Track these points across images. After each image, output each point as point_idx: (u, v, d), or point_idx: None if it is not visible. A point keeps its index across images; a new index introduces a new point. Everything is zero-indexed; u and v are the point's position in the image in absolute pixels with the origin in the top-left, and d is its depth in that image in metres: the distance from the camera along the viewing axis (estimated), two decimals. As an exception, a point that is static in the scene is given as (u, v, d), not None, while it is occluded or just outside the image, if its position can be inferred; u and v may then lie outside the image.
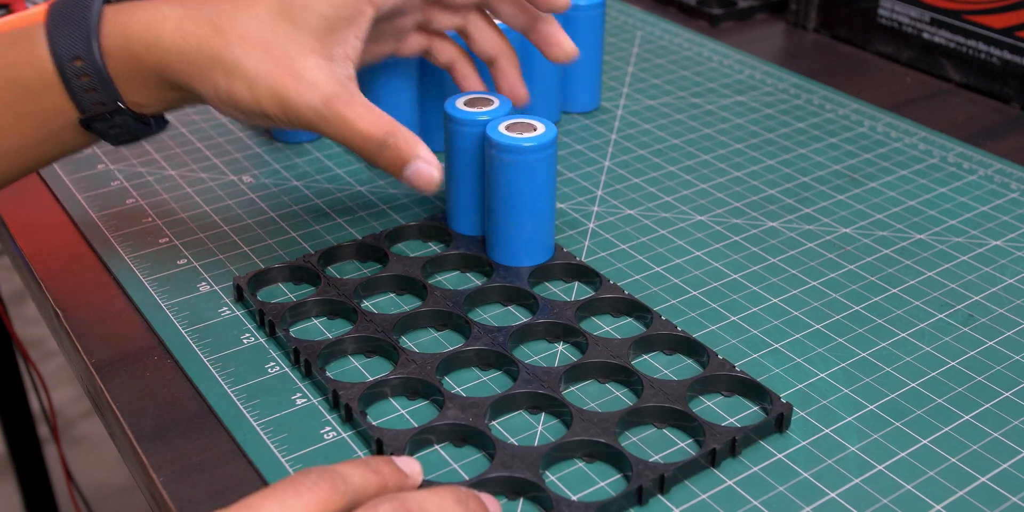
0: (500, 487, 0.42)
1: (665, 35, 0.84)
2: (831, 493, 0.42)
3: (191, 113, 0.72)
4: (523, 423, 0.46)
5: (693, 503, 0.42)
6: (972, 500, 0.42)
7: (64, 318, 0.53)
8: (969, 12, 0.73)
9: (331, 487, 0.35)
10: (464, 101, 0.55)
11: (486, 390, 0.48)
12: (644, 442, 0.45)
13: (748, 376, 0.47)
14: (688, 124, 0.71)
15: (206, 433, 0.46)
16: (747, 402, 0.47)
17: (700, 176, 0.65)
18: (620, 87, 0.76)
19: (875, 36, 0.80)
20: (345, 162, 0.66)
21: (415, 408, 0.47)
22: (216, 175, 0.64)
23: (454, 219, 0.57)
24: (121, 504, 1.41)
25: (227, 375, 0.48)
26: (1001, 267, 0.56)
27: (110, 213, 0.60)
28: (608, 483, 0.43)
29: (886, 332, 0.52)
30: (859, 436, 0.45)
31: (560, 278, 0.55)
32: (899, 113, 0.72)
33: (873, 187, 0.64)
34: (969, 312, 0.53)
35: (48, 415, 0.98)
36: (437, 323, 0.52)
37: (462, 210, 0.57)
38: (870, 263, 0.57)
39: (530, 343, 0.51)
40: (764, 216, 0.61)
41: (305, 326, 0.52)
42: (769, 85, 0.76)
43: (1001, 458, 0.44)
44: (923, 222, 0.60)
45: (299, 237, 0.58)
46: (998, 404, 0.47)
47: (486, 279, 0.55)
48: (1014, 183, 0.64)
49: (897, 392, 0.48)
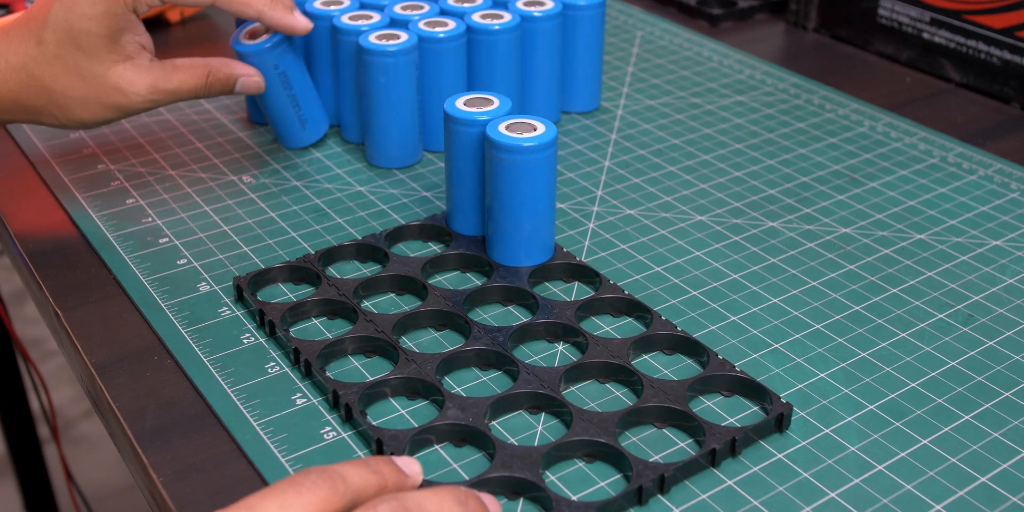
0: (500, 487, 0.42)
1: (665, 35, 0.84)
2: (831, 493, 0.42)
3: (191, 113, 0.72)
4: (523, 423, 0.46)
5: (693, 503, 0.42)
6: (972, 500, 0.42)
7: (64, 318, 0.53)
8: (969, 12, 0.73)
9: (331, 487, 0.35)
10: (464, 101, 0.55)
11: (486, 390, 0.48)
12: (644, 442, 0.45)
13: (748, 376, 0.47)
14: (688, 124, 0.71)
15: (206, 433, 0.46)
16: (747, 402, 0.47)
17: (700, 176, 0.65)
18: (620, 87, 0.76)
19: (875, 36, 0.80)
20: (345, 162, 0.66)
21: (415, 408, 0.47)
22: (216, 175, 0.64)
23: (454, 219, 0.57)
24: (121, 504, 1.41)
25: (227, 375, 0.48)
26: (1001, 267, 0.56)
27: (110, 213, 0.60)
28: (608, 483, 0.43)
29: (886, 332, 0.52)
30: (859, 436, 0.45)
31: (560, 278, 0.55)
32: (899, 113, 0.72)
33: (873, 187, 0.64)
34: (969, 312, 0.53)
35: (48, 415, 0.98)
36: (437, 323, 0.52)
37: (462, 210, 0.57)
38: (870, 263, 0.57)
39: (530, 343, 0.51)
40: (764, 216, 0.61)
41: (305, 326, 0.52)
42: (769, 85, 0.76)
43: (1001, 458, 0.44)
44: (923, 222, 0.60)
45: (299, 237, 0.58)
46: (998, 404, 0.47)
47: (486, 279, 0.55)
48: (1014, 183, 0.64)
49: (897, 392, 0.48)
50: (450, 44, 0.63)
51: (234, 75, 0.60)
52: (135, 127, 0.70)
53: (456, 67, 0.65)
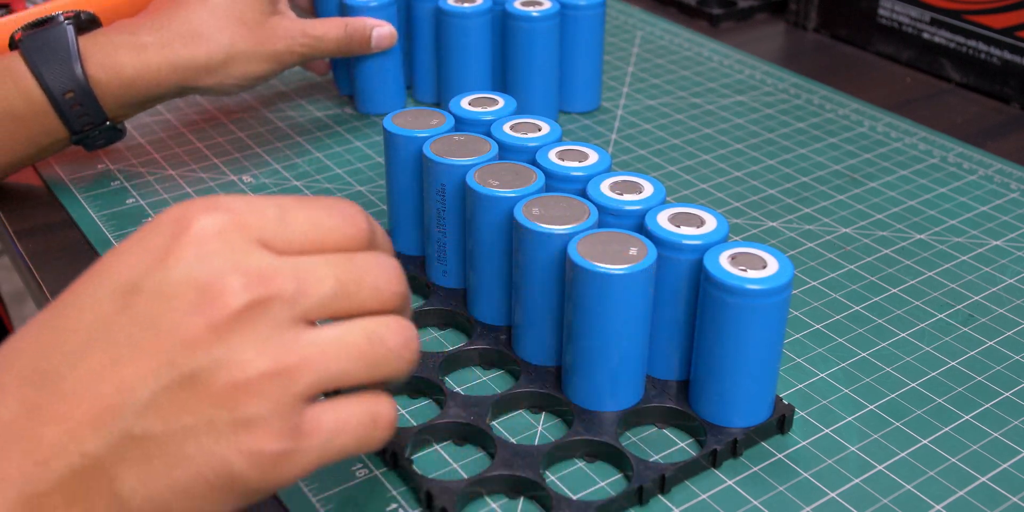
0: (501, 486, 0.42)
1: (665, 35, 0.84)
2: (831, 493, 0.42)
3: (191, 113, 0.72)
4: (524, 422, 0.46)
5: (693, 503, 0.42)
6: (972, 500, 0.42)
7: (65, 318, 0.53)
8: (969, 12, 0.73)
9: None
10: (468, 100, 0.55)
11: (487, 389, 0.48)
12: (645, 442, 0.45)
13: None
14: (688, 124, 0.71)
15: (207, 433, 0.46)
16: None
17: (700, 176, 0.65)
18: (620, 87, 0.76)
19: (875, 36, 0.80)
20: (345, 162, 0.66)
21: (416, 407, 0.47)
22: (216, 175, 0.64)
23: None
24: (121, 504, 1.40)
25: (228, 375, 0.48)
26: (1001, 267, 0.56)
27: (110, 213, 0.60)
28: (608, 483, 0.43)
29: (886, 332, 0.52)
30: (859, 436, 0.45)
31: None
32: (899, 113, 0.72)
33: (873, 187, 0.64)
34: (969, 312, 0.53)
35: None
36: (439, 322, 0.52)
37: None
38: (870, 263, 0.57)
39: (530, 343, 0.51)
40: (764, 216, 0.61)
41: (306, 326, 0.52)
42: (769, 85, 0.76)
43: (1001, 458, 0.44)
44: (923, 222, 0.60)
45: (299, 237, 0.58)
46: (998, 404, 0.47)
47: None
48: (1014, 183, 0.64)
49: (897, 392, 0.48)
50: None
51: (369, 25, 0.64)
52: (135, 127, 0.70)
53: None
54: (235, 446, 0.31)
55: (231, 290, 0.31)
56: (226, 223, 0.32)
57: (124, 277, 0.32)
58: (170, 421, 0.31)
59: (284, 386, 0.31)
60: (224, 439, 0.31)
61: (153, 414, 0.31)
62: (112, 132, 0.60)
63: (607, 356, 0.43)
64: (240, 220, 0.33)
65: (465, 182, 0.47)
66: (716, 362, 0.43)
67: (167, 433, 0.31)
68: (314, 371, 0.32)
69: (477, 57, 0.67)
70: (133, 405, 0.31)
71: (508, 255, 0.48)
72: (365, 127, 0.70)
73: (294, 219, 0.34)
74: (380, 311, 0.34)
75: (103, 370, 0.31)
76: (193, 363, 0.31)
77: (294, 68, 0.77)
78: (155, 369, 0.31)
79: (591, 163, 0.48)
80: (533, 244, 0.44)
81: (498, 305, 0.49)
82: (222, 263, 0.32)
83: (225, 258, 0.32)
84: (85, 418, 0.31)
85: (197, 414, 0.31)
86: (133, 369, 0.31)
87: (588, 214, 0.45)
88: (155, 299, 0.31)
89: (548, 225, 0.44)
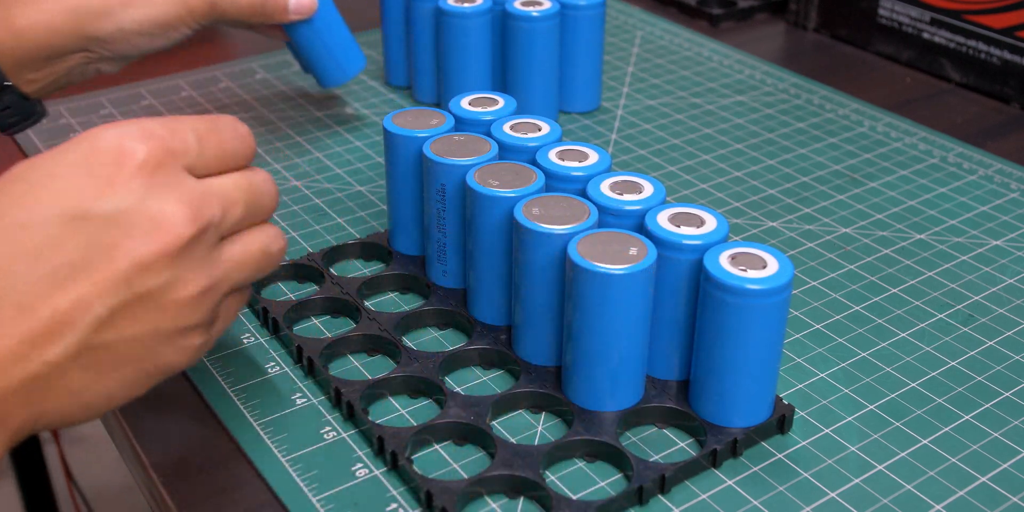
0: (501, 486, 0.42)
1: (665, 35, 0.84)
2: (831, 493, 0.42)
3: (190, 113, 0.72)
4: (524, 422, 0.46)
5: (693, 503, 0.42)
6: (972, 500, 0.42)
7: (65, 318, 0.53)
8: (969, 12, 0.73)
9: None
10: (468, 100, 0.55)
11: (487, 389, 0.48)
12: (645, 442, 0.45)
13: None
14: (688, 124, 0.71)
15: (206, 433, 0.46)
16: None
17: (700, 176, 0.65)
18: (620, 87, 0.76)
19: (875, 36, 0.80)
20: (345, 162, 0.66)
21: (416, 407, 0.47)
22: (216, 175, 0.64)
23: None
24: (121, 504, 1.41)
25: (227, 375, 0.48)
26: (1001, 267, 0.56)
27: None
28: (608, 483, 0.43)
29: (886, 332, 0.52)
30: (859, 436, 0.45)
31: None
32: (899, 113, 0.72)
33: (873, 187, 0.64)
34: (969, 312, 0.53)
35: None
36: (439, 322, 0.52)
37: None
38: (870, 263, 0.57)
39: (531, 343, 0.51)
40: (764, 216, 0.61)
41: (307, 325, 0.52)
42: (769, 85, 0.76)
43: (1001, 458, 0.44)
44: (923, 222, 0.60)
45: (299, 237, 0.58)
46: (998, 404, 0.47)
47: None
48: (1014, 183, 0.64)
49: (897, 392, 0.48)
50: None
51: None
52: (135, 127, 0.70)
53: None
54: (175, 346, 0.38)
55: (181, 220, 0.36)
56: (161, 152, 0.37)
57: (71, 202, 0.35)
58: (123, 332, 0.36)
59: (213, 297, 0.38)
60: (167, 341, 0.37)
61: (108, 327, 0.35)
62: (23, 105, 0.55)
63: (607, 356, 0.43)
64: (169, 147, 0.37)
65: (465, 182, 0.47)
66: (716, 362, 0.43)
67: (119, 341, 0.36)
68: (231, 281, 0.39)
69: (477, 57, 0.67)
70: (90, 319, 0.35)
71: (508, 255, 0.48)
72: (365, 127, 0.70)
73: (208, 144, 0.39)
74: (263, 221, 0.41)
75: (57, 287, 0.35)
76: (148, 283, 0.36)
77: (294, 68, 0.77)
78: (111, 288, 0.35)
79: (591, 163, 0.49)
80: (533, 244, 0.44)
81: (498, 305, 0.49)
82: (167, 194, 0.36)
83: (170, 189, 0.36)
84: (44, 330, 0.34)
85: (146, 324, 0.36)
86: (89, 287, 0.35)
87: (588, 214, 0.45)
88: (108, 226, 0.35)
89: (548, 225, 0.44)
